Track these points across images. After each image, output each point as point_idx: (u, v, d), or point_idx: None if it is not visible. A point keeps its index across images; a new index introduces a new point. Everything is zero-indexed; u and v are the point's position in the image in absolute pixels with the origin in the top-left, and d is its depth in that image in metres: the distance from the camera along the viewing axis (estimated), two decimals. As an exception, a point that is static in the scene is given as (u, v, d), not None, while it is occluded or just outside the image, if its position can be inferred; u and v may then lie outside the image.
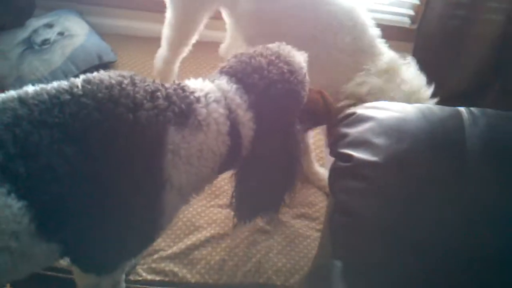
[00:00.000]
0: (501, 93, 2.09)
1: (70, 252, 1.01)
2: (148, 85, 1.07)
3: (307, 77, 1.24)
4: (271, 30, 1.63)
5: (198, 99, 1.10)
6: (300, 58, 1.24)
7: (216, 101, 1.12)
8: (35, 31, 2.11)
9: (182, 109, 1.07)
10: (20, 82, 1.94)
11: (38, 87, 1.00)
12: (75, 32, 2.15)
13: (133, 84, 1.05)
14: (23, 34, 2.09)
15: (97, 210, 0.98)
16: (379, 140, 1.15)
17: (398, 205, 1.10)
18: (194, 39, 1.92)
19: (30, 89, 0.99)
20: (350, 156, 1.15)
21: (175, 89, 1.10)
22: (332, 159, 1.25)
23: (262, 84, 1.15)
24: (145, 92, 1.04)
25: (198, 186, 1.19)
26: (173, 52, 1.96)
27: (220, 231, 1.70)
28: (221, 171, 1.21)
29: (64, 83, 1.02)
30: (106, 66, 2.15)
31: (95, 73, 1.06)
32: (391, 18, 2.41)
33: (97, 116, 0.97)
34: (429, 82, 1.63)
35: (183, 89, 1.11)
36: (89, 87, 1.00)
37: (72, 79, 1.04)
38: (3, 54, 2.02)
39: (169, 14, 1.86)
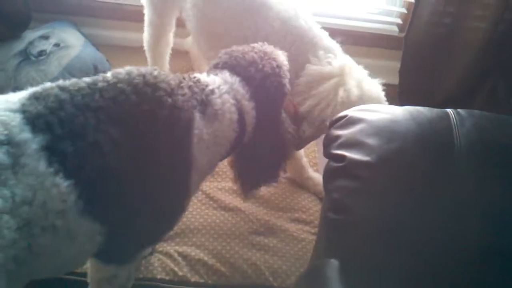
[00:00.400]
0: (489, 98, 2.15)
1: (109, 236, 1.03)
2: (172, 76, 1.14)
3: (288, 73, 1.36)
4: (209, 28, 1.77)
5: (212, 91, 1.19)
6: (282, 56, 1.37)
7: (227, 92, 1.21)
8: (31, 42, 2.14)
9: (203, 99, 1.16)
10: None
11: (71, 79, 1.05)
12: (71, 43, 2.19)
13: (163, 73, 1.12)
14: (19, 45, 2.12)
15: (135, 188, 1.03)
16: (370, 141, 1.19)
17: (390, 203, 1.14)
18: (170, 41, 2.09)
19: (63, 81, 1.04)
20: (343, 156, 1.19)
21: (194, 82, 1.18)
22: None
23: (258, 76, 1.26)
24: (174, 81, 1.12)
25: (207, 172, 1.28)
26: (154, 54, 2.11)
27: (214, 234, 1.74)
28: (224, 157, 1.31)
29: (95, 76, 1.08)
30: (101, 76, 2.18)
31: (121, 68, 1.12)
32: (379, 27, 2.47)
33: (136, 99, 1.03)
34: (418, 88, 1.68)
35: (199, 81, 1.19)
36: (121, 76, 1.07)
37: (102, 73, 1.10)
38: (1, 65, 2.05)
39: (146, 15, 2.02)
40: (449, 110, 1.28)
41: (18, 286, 0.97)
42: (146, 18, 2.03)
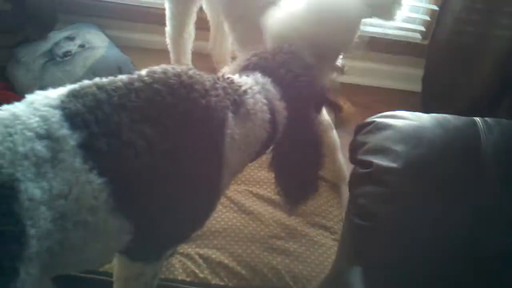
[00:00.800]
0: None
1: (137, 234, 1.04)
2: (207, 77, 1.16)
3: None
4: (245, 12, 1.75)
5: (245, 91, 1.20)
6: (310, 56, 1.36)
7: (259, 92, 1.22)
8: (57, 43, 2.17)
9: (235, 100, 1.17)
10: (43, 92, 2.00)
11: (108, 78, 1.08)
12: (96, 44, 2.21)
13: (198, 74, 1.14)
14: (45, 46, 2.16)
15: (167, 188, 1.05)
16: (397, 147, 1.19)
17: (416, 209, 1.13)
18: (192, 33, 2.10)
19: (100, 79, 1.07)
20: (370, 162, 1.19)
21: (228, 83, 1.19)
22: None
23: (288, 77, 1.27)
24: (209, 81, 1.14)
25: (237, 172, 1.30)
26: (177, 49, 2.13)
27: (235, 237, 1.74)
28: (255, 158, 1.32)
29: (131, 75, 1.10)
30: (125, 77, 2.20)
31: (157, 66, 1.13)
32: (402, 34, 2.47)
33: (171, 100, 1.05)
34: (442, 96, 1.66)
35: (232, 82, 1.21)
36: (157, 76, 1.08)
37: (137, 71, 1.12)
38: (26, 65, 2.08)
39: (167, 8, 2.04)
40: (476, 118, 1.27)
41: (46, 279, 0.99)
42: (168, 11, 2.05)
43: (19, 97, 1.77)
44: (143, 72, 1.11)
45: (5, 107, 0.96)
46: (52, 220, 0.90)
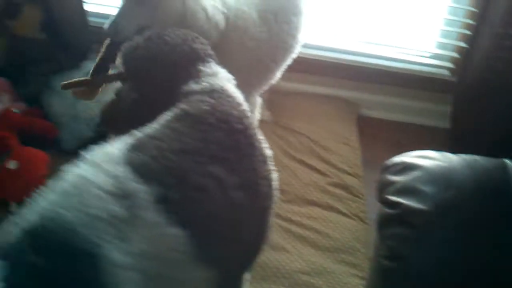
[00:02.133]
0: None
1: (222, 278, 1.00)
2: (222, 100, 1.13)
3: None
4: None
5: (223, 89, 1.17)
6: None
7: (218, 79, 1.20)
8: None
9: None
10: (75, 120, 2.05)
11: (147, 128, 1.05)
12: (127, 75, 2.25)
13: (222, 103, 1.11)
14: (78, 75, 2.19)
15: (244, 220, 1.05)
16: (426, 188, 1.19)
17: (446, 253, 1.12)
18: None
19: (144, 129, 1.03)
20: (399, 203, 1.19)
21: (225, 93, 1.16)
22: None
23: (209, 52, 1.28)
24: (232, 105, 1.13)
25: None
26: None
27: (262, 272, 1.72)
28: None
29: (160, 122, 1.06)
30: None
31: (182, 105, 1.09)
32: (431, 70, 2.46)
33: (222, 136, 1.04)
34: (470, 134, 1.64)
35: (223, 89, 1.17)
36: (193, 111, 1.06)
37: (163, 116, 1.08)
38: (60, 93, 2.12)
39: None
40: (506, 160, 1.26)
41: None
42: None
43: (49, 123, 1.76)
44: (169, 115, 1.07)
45: (71, 170, 0.92)
46: (138, 284, 0.85)
